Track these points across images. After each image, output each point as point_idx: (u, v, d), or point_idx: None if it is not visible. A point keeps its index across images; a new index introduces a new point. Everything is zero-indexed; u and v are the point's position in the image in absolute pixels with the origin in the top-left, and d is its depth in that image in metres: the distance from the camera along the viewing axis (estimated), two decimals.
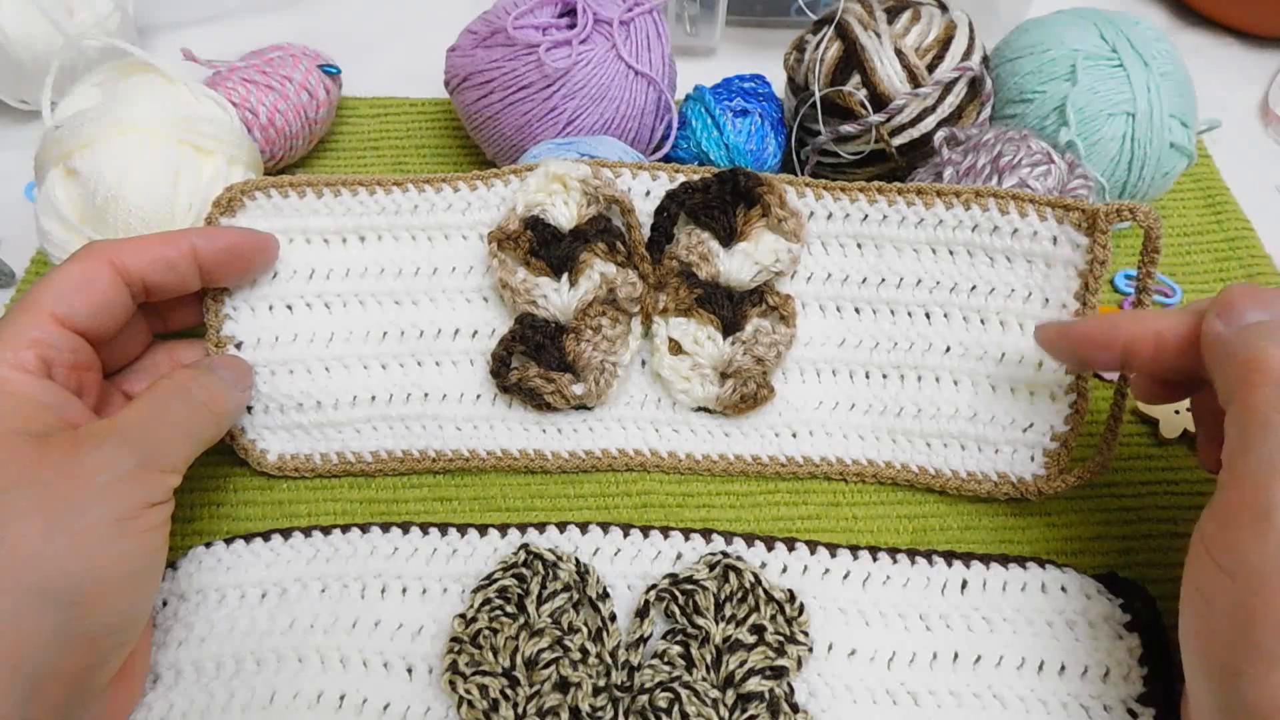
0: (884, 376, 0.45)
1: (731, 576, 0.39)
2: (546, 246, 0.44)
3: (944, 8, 0.52)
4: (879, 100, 0.49)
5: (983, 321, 0.43)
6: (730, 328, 0.44)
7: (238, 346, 0.44)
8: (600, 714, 0.36)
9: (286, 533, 0.42)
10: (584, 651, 0.37)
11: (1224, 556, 0.30)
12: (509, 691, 0.36)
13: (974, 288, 0.44)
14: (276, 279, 0.45)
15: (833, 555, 0.41)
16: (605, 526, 0.42)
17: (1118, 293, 0.53)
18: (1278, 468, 0.29)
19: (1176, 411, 0.47)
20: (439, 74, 0.55)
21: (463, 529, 0.42)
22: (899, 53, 0.49)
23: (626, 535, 0.42)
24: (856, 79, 0.50)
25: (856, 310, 0.45)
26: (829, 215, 0.45)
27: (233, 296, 0.44)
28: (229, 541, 0.42)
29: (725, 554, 0.40)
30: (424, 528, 0.42)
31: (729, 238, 0.45)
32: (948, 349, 0.44)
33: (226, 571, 0.41)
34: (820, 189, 0.45)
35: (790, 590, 0.39)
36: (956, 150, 0.48)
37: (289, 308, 0.45)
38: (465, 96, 0.53)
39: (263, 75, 0.55)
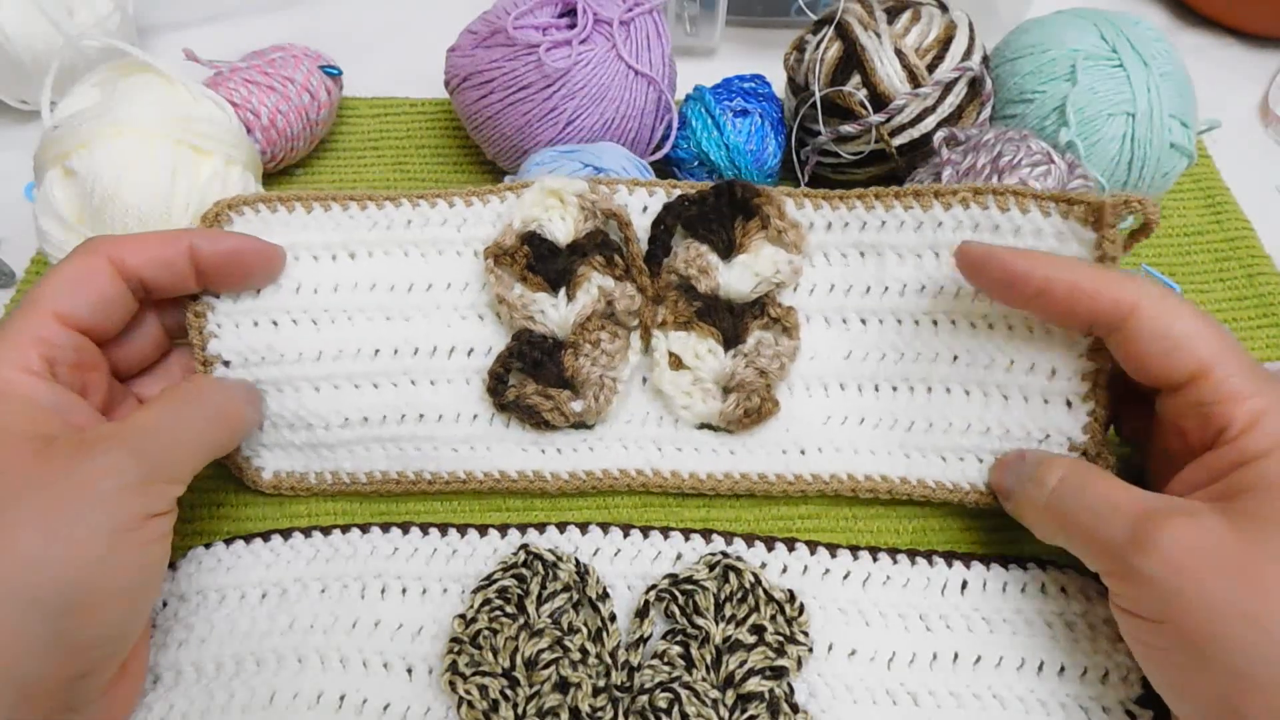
0: (893, 389, 0.44)
1: (731, 577, 0.39)
2: (544, 261, 0.43)
3: (944, 8, 0.52)
4: (879, 100, 0.49)
5: (990, 326, 0.42)
6: (731, 340, 0.43)
7: (225, 365, 0.43)
8: (600, 714, 0.36)
9: (286, 533, 0.42)
10: (584, 652, 0.37)
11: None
12: (509, 692, 0.36)
13: (976, 290, 0.42)
14: (262, 294, 0.43)
15: (833, 555, 0.41)
16: (605, 527, 0.42)
17: None
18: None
19: None
20: (439, 74, 0.55)
21: (463, 529, 0.42)
22: (899, 53, 0.49)
23: (626, 535, 0.42)
24: (856, 79, 0.50)
25: (862, 321, 0.44)
26: (828, 225, 0.44)
27: (216, 312, 0.42)
28: (229, 542, 0.42)
29: (725, 554, 0.40)
30: (424, 528, 0.42)
31: (728, 250, 0.44)
32: (955, 358, 0.42)
33: (226, 572, 0.41)
34: (818, 199, 0.44)
35: (790, 590, 0.39)
36: (956, 150, 0.48)
37: (274, 324, 0.43)
38: (465, 96, 0.53)
39: (264, 76, 0.55)
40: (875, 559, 0.41)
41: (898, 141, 0.50)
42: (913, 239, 0.43)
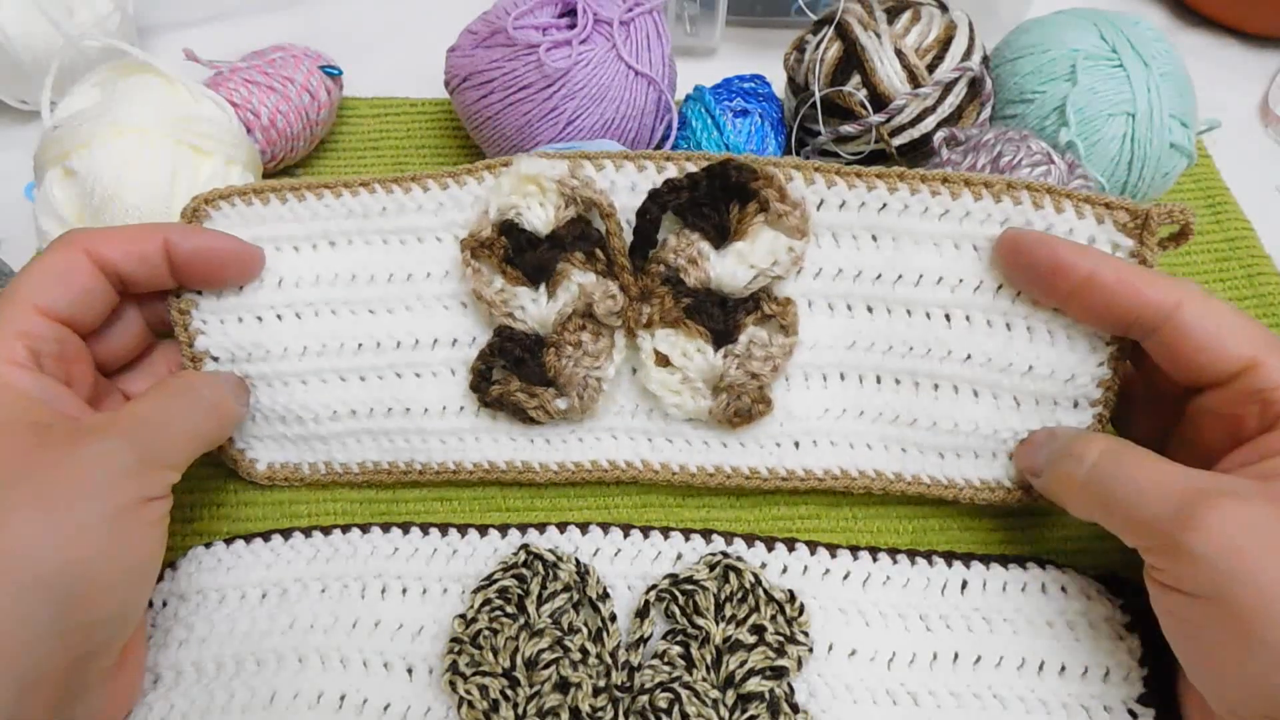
0: (896, 383, 0.42)
1: (731, 577, 0.39)
2: (522, 253, 0.42)
3: (944, 8, 0.52)
4: (879, 100, 0.49)
5: (1008, 326, 0.40)
6: (722, 338, 0.41)
7: (214, 360, 0.43)
8: (600, 714, 0.36)
9: (286, 533, 0.42)
10: (584, 652, 0.37)
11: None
12: (509, 692, 0.36)
13: (1000, 288, 0.40)
14: (245, 290, 0.43)
15: (833, 555, 0.41)
16: (605, 527, 0.42)
17: None
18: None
19: None
20: (439, 74, 0.55)
21: (463, 529, 0.42)
22: (899, 53, 0.49)
23: (626, 535, 0.42)
24: (856, 79, 0.50)
25: (869, 309, 0.42)
26: (841, 204, 0.41)
27: (200, 309, 0.42)
28: (229, 542, 0.42)
29: (725, 554, 0.40)
30: (424, 528, 0.42)
31: (722, 237, 0.41)
32: (968, 356, 0.40)
33: (227, 572, 0.41)
34: (832, 174, 0.41)
35: (790, 590, 0.39)
36: (956, 151, 0.48)
37: (259, 319, 0.43)
38: (465, 97, 0.53)
39: (264, 76, 0.55)
40: (875, 559, 0.41)
41: (898, 142, 0.50)
42: (935, 227, 0.40)
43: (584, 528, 0.42)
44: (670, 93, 0.54)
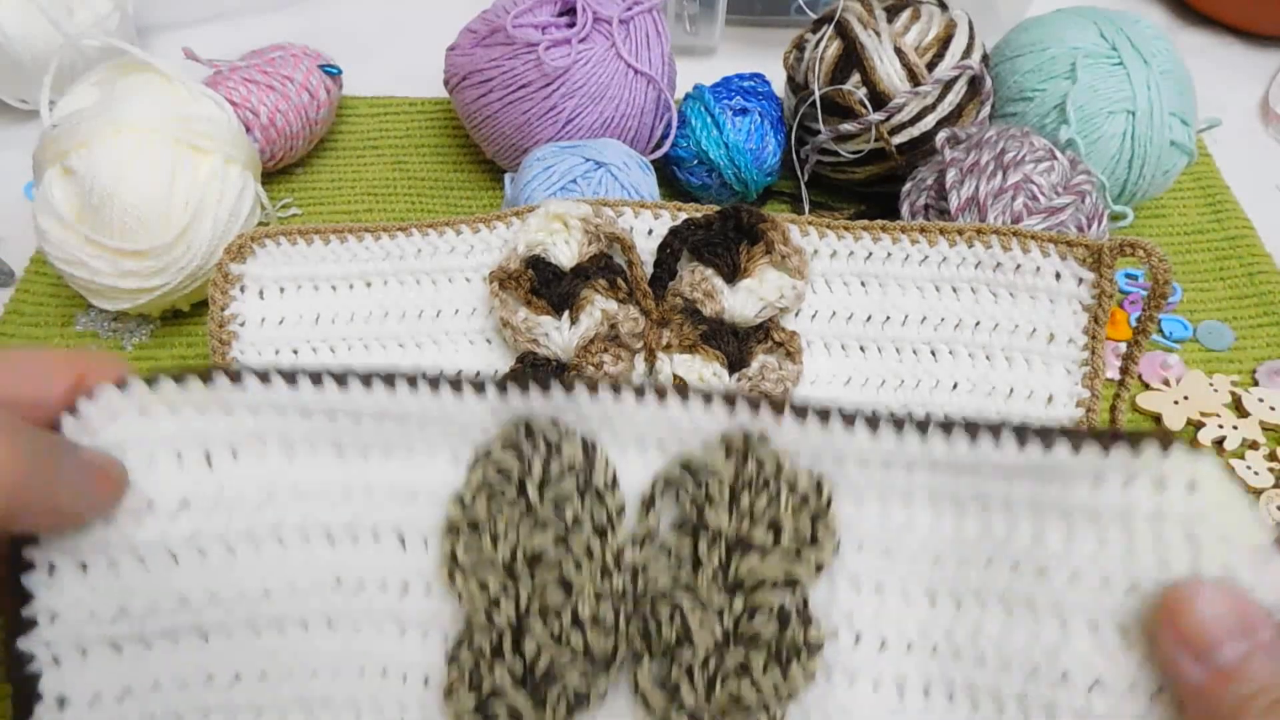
0: None
1: (750, 461, 0.36)
2: (548, 285, 0.44)
3: (944, 6, 0.52)
4: (879, 99, 0.49)
5: (988, 358, 0.43)
6: (736, 364, 0.44)
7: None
8: (601, 618, 0.35)
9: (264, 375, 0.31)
10: (588, 551, 0.35)
11: None
12: (509, 585, 0.35)
13: (978, 323, 0.43)
14: (284, 324, 0.45)
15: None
16: (617, 388, 0.33)
17: (1119, 292, 0.53)
18: None
19: (1176, 402, 0.48)
20: (439, 73, 0.55)
21: (457, 382, 0.33)
22: (899, 51, 0.49)
23: (640, 398, 0.33)
24: (856, 78, 0.50)
25: (862, 349, 0.45)
26: (833, 254, 0.45)
27: (240, 340, 0.44)
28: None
29: (747, 435, 0.34)
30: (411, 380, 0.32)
31: (732, 274, 0.44)
32: (955, 386, 0.43)
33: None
34: (823, 227, 0.45)
35: (819, 478, 0.34)
36: (958, 149, 0.48)
37: (295, 352, 0.45)
38: (465, 95, 0.53)
39: (264, 75, 0.55)
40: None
41: (897, 140, 0.50)
42: (917, 272, 0.44)
43: (593, 386, 0.33)
44: (670, 91, 0.54)
